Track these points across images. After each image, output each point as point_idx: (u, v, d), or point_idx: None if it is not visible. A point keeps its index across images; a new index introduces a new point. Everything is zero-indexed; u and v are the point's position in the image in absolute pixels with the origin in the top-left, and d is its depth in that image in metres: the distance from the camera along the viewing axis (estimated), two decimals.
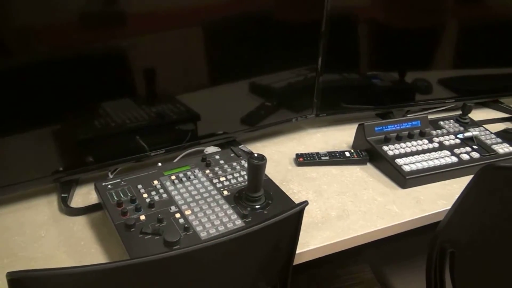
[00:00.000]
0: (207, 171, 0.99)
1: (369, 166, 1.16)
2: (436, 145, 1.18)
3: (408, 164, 1.09)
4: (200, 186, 0.94)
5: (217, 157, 1.04)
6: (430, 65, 1.38)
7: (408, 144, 1.16)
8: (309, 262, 0.89)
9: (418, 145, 1.17)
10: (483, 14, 1.36)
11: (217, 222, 0.85)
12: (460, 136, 1.21)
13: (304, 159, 1.14)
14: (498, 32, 1.40)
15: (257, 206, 0.89)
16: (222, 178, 0.97)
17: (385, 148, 1.14)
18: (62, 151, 0.97)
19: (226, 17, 1.04)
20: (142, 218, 0.85)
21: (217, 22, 1.04)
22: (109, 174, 1.06)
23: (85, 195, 1.01)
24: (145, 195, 0.90)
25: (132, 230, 0.82)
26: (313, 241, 0.89)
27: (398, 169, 1.08)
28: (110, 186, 0.92)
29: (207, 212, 0.87)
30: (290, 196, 0.94)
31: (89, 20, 0.88)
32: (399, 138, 1.18)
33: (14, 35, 0.83)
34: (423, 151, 1.15)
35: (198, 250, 0.58)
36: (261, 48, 1.12)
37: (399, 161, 1.10)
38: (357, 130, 1.20)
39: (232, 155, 1.05)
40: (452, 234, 0.88)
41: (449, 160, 1.12)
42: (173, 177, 0.96)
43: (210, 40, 1.05)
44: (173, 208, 0.88)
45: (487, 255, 0.84)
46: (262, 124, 1.21)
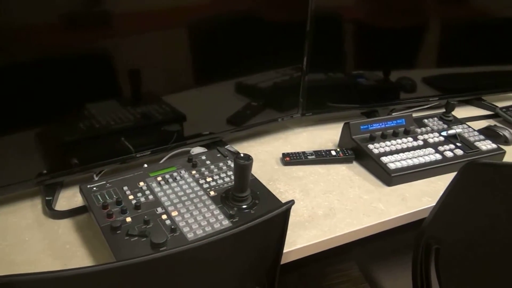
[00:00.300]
0: (194, 172, 0.98)
1: (355, 165, 1.16)
2: (420, 142, 1.19)
3: (393, 162, 1.10)
4: (186, 187, 0.94)
5: (203, 157, 1.03)
6: (414, 64, 1.40)
7: (393, 142, 1.18)
8: (296, 261, 0.90)
9: (403, 143, 1.18)
10: (466, 14, 1.38)
11: (204, 223, 0.85)
12: (444, 133, 1.23)
13: (290, 159, 1.15)
14: (480, 31, 1.42)
15: (244, 206, 0.89)
16: (209, 179, 0.97)
17: (370, 146, 1.15)
18: (46, 154, 0.96)
19: (211, 17, 1.04)
20: (128, 220, 0.84)
21: (202, 22, 1.03)
22: (94, 176, 1.05)
23: (70, 198, 1.00)
24: (131, 197, 0.90)
25: (118, 232, 0.81)
26: (300, 240, 0.89)
27: (384, 167, 1.09)
28: (95, 188, 0.91)
29: (194, 213, 0.87)
30: (277, 195, 0.94)
31: (72, 20, 0.87)
32: (384, 137, 1.19)
33: None
34: (408, 149, 1.16)
35: (185, 251, 0.58)
36: (246, 48, 1.12)
37: (385, 159, 1.11)
38: (342, 129, 1.21)
39: (218, 156, 1.05)
40: (437, 230, 0.90)
41: (433, 157, 1.13)
42: (159, 178, 0.95)
43: (195, 40, 1.04)
44: (159, 209, 0.87)
45: (472, 251, 0.85)
46: (248, 124, 1.21)
